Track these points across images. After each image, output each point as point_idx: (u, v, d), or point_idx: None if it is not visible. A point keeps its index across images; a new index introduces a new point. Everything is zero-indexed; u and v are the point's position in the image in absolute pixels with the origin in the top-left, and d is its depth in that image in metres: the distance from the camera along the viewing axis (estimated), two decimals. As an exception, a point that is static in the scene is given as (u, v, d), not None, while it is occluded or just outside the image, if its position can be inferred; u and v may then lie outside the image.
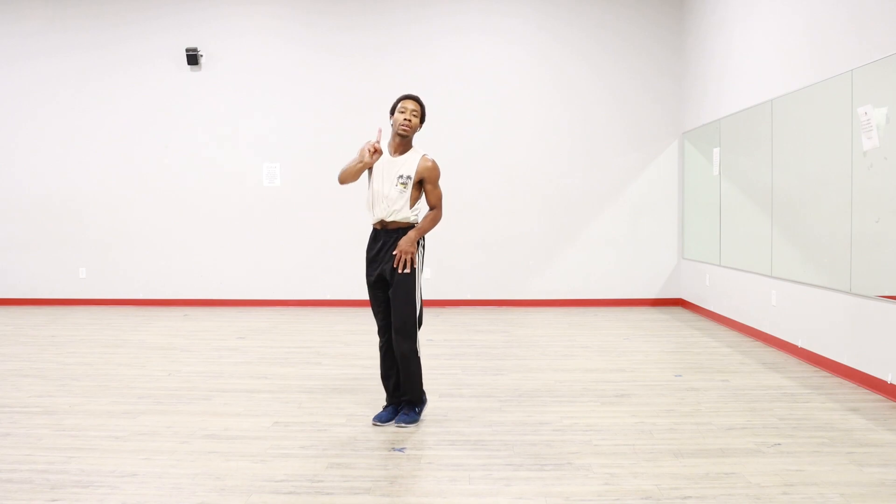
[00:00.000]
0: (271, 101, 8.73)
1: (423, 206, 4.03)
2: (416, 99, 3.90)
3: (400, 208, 3.88)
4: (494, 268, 8.66)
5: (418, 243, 3.94)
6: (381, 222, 3.95)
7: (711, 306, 7.52)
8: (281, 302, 8.74)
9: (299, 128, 8.73)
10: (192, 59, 8.62)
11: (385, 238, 3.95)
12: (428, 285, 8.58)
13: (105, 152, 8.85)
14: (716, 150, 7.33)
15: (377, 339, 6.34)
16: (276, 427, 3.90)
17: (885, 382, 4.42)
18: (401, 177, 3.85)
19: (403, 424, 3.89)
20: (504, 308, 8.49)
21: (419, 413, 3.98)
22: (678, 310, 8.30)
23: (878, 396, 4.44)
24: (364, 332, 6.95)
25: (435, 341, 6.33)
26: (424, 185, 3.93)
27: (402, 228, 3.92)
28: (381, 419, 3.94)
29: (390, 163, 3.90)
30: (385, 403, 4.11)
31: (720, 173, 7.22)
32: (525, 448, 3.54)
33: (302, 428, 3.88)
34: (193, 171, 8.79)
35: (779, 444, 3.56)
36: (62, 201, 8.89)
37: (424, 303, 8.90)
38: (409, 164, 3.88)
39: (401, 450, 3.53)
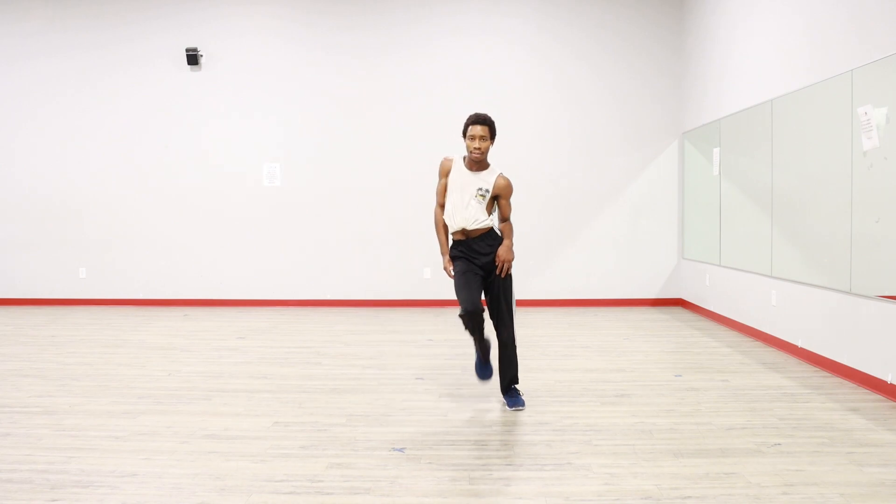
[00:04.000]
0: (271, 100, 8.73)
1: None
2: (483, 122, 4.12)
3: (479, 218, 4.15)
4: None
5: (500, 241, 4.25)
6: (464, 231, 4.18)
7: (711, 306, 7.52)
8: (281, 302, 8.74)
9: (299, 128, 8.73)
10: (192, 59, 8.62)
11: (475, 243, 4.19)
12: (427, 285, 8.59)
13: (105, 152, 8.85)
14: (716, 150, 7.33)
15: (381, 338, 6.39)
16: (276, 427, 3.90)
17: (885, 382, 4.42)
18: (480, 189, 4.13)
19: (521, 407, 4.20)
20: (504, 308, 8.47)
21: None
22: (678, 310, 8.30)
23: (878, 396, 4.44)
24: (364, 332, 6.95)
25: (435, 341, 6.33)
26: (499, 200, 4.23)
27: (484, 234, 4.19)
28: (487, 375, 4.31)
29: (469, 175, 4.16)
30: (481, 357, 4.30)
31: (720, 173, 7.22)
32: (525, 448, 3.54)
33: (302, 428, 3.88)
34: (193, 171, 8.79)
35: (779, 444, 3.56)
36: (62, 201, 8.89)
37: (426, 303, 8.91)
38: (487, 179, 4.16)
39: (401, 450, 3.53)
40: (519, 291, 8.67)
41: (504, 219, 4.29)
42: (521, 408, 4.21)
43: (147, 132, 8.82)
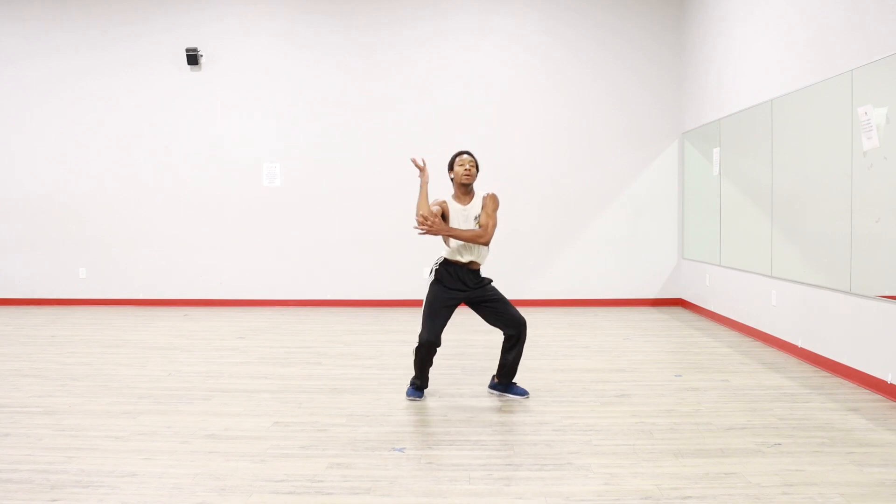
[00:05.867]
0: (271, 101, 8.73)
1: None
2: (470, 153, 4.43)
3: (481, 246, 4.35)
4: (494, 268, 8.62)
5: (485, 280, 4.43)
6: (470, 262, 4.36)
7: (711, 306, 7.52)
8: (281, 302, 8.74)
9: (299, 128, 8.73)
10: (192, 59, 8.62)
11: (467, 278, 4.37)
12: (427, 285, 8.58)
13: (105, 152, 8.85)
14: (716, 150, 7.33)
15: (381, 338, 6.37)
16: (276, 427, 3.90)
17: (885, 382, 4.42)
18: (476, 217, 4.34)
19: (524, 395, 4.46)
20: (504, 308, 8.47)
21: None
22: (678, 310, 8.30)
23: (878, 396, 4.44)
24: (364, 332, 6.95)
25: (435, 341, 6.33)
26: (483, 209, 4.36)
27: (477, 270, 4.41)
28: (420, 396, 4.47)
29: (463, 210, 4.37)
30: (418, 386, 4.52)
31: (720, 173, 7.22)
32: (525, 448, 3.54)
33: (302, 428, 3.88)
34: (193, 171, 8.79)
35: (779, 444, 3.56)
36: (62, 201, 8.89)
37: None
38: (476, 205, 4.38)
39: (401, 450, 3.53)
40: (519, 291, 8.73)
41: (480, 224, 4.31)
42: (523, 396, 4.48)
43: (147, 132, 8.82)
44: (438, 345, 4.30)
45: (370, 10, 8.63)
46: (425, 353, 4.33)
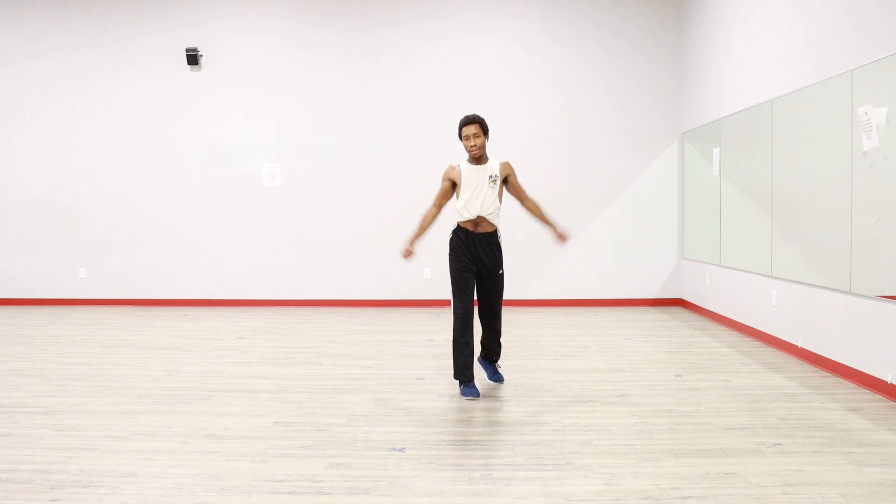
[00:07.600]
0: (271, 101, 8.74)
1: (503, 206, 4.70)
2: (473, 121, 4.56)
3: (492, 202, 4.53)
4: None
5: (500, 247, 4.65)
6: (475, 222, 4.54)
7: (711, 306, 7.52)
8: (281, 302, 8.74)
9: (299, 128, 8.73)
10: (192, 59, 8.62)
11: (478, 241, 4.56)
12: (427, 285, 8.60)
13: (105, 152, 8.85)
14: (716, 150, 7.33)
15: (381, 338, 6.39)
16: (276, 427, 3.90)
17: (885, 382, 4.42)
18: (491, 176, 4.55)
19: (501, 381, 4.80)
20: (504, 308, 8.45)
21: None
22: (678, 310, 8.30)
23: (878, 396, 4.44)
24: (364, 332, 6.95)
25: (435, 341, 6.33)
26: (509, 181, 4.69)
27: (489, 234, 4.57)
28: (476, 394, 4.48)
29: (477, 170, 4.56)
30: (466, 379, 4.53)
31: (720, 173, 7.22)
32: (525, 448, 3.54)
33: (302, 428, 3.88)
34: (193, 171, 8.79)
35: (779, 444, 3.56)
36: (62, 201, 8.89)
37: (426, 303, 8.92)
38: (493, 167, 4.60)
39: (401, 450, 3.53)
40: (519, 291, 8.74)
41: (525, 198, 4.77)
42: (501, 382, 4.78)
43: (147, 132, 8.82)
44: (473, 312, 4.51)
45: (370, 10, 8.63)
46: (462, 325, 4.44)
